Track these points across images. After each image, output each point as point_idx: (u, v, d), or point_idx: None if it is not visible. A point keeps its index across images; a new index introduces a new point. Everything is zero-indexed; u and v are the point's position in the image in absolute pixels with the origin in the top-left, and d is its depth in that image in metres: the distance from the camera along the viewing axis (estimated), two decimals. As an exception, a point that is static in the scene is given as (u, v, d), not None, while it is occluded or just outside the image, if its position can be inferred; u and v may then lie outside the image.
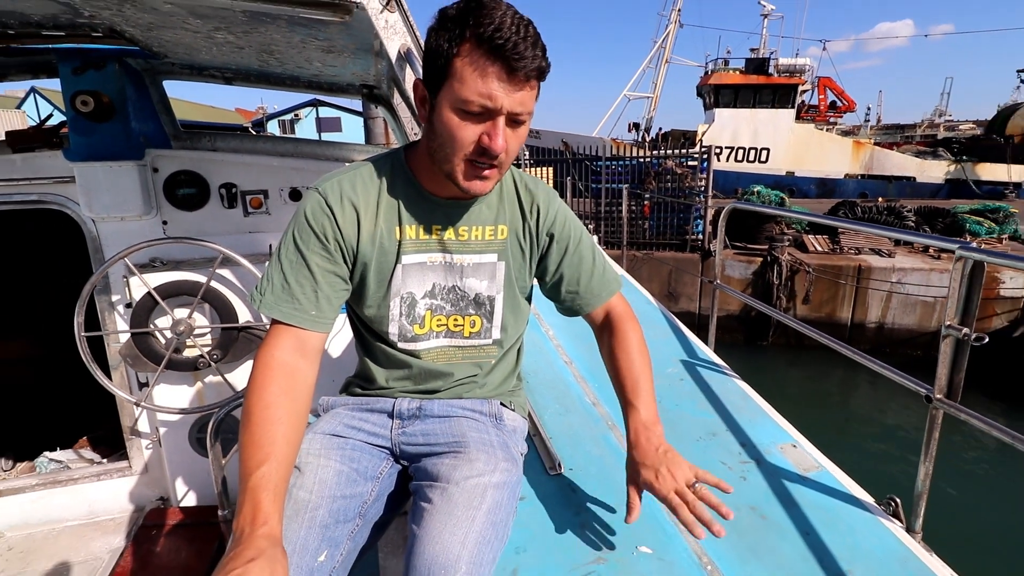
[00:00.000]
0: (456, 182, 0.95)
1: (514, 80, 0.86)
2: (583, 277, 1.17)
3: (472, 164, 0.93)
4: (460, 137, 0.90)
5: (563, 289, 1.18)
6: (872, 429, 7.48)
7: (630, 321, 1.19)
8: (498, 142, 0.89)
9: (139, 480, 2.73)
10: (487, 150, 0.90)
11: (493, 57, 0.84)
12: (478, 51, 0.84)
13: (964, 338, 1.23)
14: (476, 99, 0.86)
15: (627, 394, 1.10)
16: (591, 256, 1.18)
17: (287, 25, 1.51)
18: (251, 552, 0.73)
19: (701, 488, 0.97)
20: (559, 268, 1.16)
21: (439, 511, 0.91)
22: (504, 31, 0.83)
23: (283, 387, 0.92)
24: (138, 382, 2.57)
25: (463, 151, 0.91)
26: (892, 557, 1.09)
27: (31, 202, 2.31)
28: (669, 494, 0.95)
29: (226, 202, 2.45)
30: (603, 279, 1.19)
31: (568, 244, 1.15)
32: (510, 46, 0.83)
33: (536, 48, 0.86)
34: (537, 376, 1.83)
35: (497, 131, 0.89)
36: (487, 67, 0.85)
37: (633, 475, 1.03)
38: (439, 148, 0.94)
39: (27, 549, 2.53)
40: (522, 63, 0.84)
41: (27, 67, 2.27)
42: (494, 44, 0.83)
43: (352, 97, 2.89)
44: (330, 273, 1.01)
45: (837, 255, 9.59)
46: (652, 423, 1.05)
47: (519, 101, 0.88)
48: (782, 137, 23.26)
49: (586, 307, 1.20)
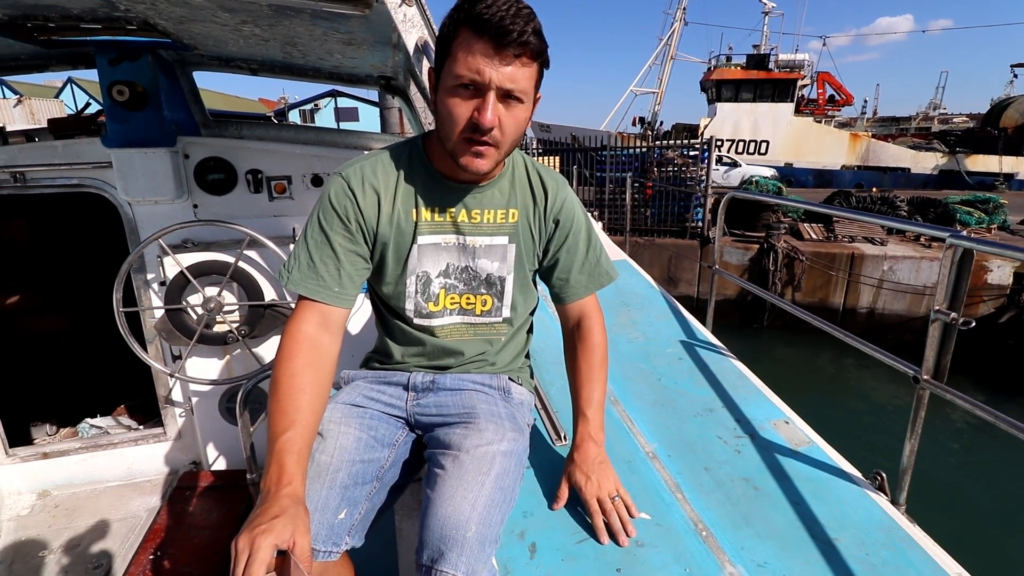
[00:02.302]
0: (456, 160, 0.95)
1: (502, 55, 0.85)
2: (574, 268, 1.17)
3: (467, 141, 0.92)
4: (456, 114, 0.90)
5: (554, 275, 1.18)
6: (862, 408, 7.47)
7: (601, 330, 1.19)
8: (486, 115, 0.88)
9: (173, 445, 2.78)
10: (478, 124, 0.89)
11: (480, 32, 0.84)
12: (469, 29, 0.85)
13: (952, 322, 1.22)
14: (465, 73, 0.86)
15: (581, 403, 1.15)
16: (585, 248, 1.17)
17: (310, 18, 1.49)
18: (276, 509, 0.75)
19: (618, 502, 1.04)
20: (556, 254, 1.16)
21: (451, 476, 0.92)
22: (492, 8, 0.83)
23: (308, 359, 0.94)
24: (172, 355, 2.60)
25: (458, 128, 0.91)
26: (877, 527, 1.09)
27: (72, 186, 2.33)
28: (591, 499, 1.03)
29: (252, 187, 2.46)
30: (593, 272, 1.18)
31: (569, 233, 1.15)
32: (495, 20, 0.83)
33: (527, 25, 0.85)
34: (544, 354, 1.84)
35: (487, 106, 0.88)
36: (474, 43, 0.85)
37: (569, 472, 1.09)
38: (441, 128, 0.95)
39: (72, 507, 2.60)
40: (508, 38, 0.84)
41: (66, 58, 2.27)
42: (481, 19, 0.83)
43: (369, 88, 2.88)
44: (352, 252, 1.02)
45: (832, 243, 9.48)
46: (597, 433, 1.12)
47: (509, 77, 0.87)
48: (781, 130, 22.93)
49: (568, 297, 1.19)
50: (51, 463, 2.65)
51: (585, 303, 1.20)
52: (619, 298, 2.36)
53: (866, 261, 8.86)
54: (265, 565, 0.69)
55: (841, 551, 1.02)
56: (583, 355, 1.17)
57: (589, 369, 1.16)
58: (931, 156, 22.35)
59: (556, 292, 1.20)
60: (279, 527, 0.72)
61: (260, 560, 0.69)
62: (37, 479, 2.67)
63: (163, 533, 2.17)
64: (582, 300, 1.19)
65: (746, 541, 1.05)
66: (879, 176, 22.08)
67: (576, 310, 1.20)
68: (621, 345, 1.89)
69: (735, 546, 1.03)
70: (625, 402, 1.53)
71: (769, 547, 1.03)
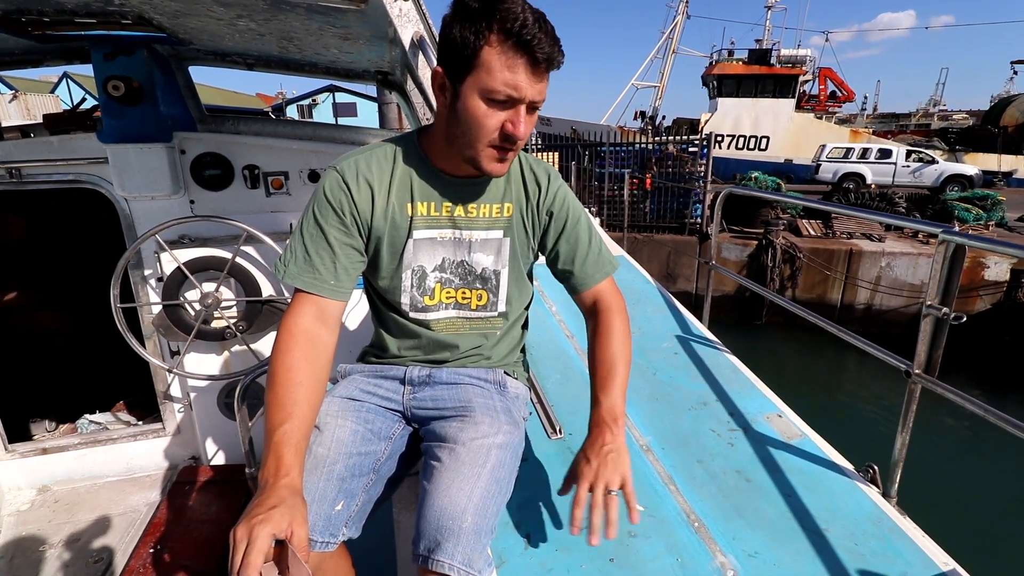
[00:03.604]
0: (478, 165, 0.97)
1: (537, 72, 0.89)
2: (578, 258, 1.16)
3: (496, 149, 0.95)
4: (486, 124, 0.91)
5: (559, 267, 1.18)
6: (855, 402, 7.51)
7: (618, 315, 1.15)
8: (521, 128, 0.91)
9: (172, 441, 2.79)
10: (510, 136, 0.92)
11: (521, 51, 0.86)
12: (506, 44, 0.86)
13: (943, 317, 1.24)
14: (503, 89, 0.88)
15: (597, 386, 1.09)
16: (587, 238, 1.17)
17: (305, 13, 1.50)
18: (274, 500, 0.76)
19: (612, 497, 0.93)
20: (556, 246, 1.16)
21: (448, 469, 0.93)
22: (529, 27, 0.85)
23: (305, 352, 0.94)
24: (170, 350, 2.61)
25: (488, 137, 0.93)
26: (867, 518, 1.11)
27: (68, 182, 2.33)
28: (582, 486, 0.94)
29: (249, 183, 2.46)
30: (597, 261, 1.17)
31: (566, 223, 1.15)
32: (536, 41, 0.85)
33: (556, 43, 0.89)
34: (540, 349, 1.85)
35: (520, 118, 0.91)
36: (516, 60, 0.87)
37: (576, 458, 1.01)
38: (462, 134, 0.95)
39: (72, 502, 2.62)
40: (545, 57, 0.87)
41: (61, 53, 2.26)
42: (522, 39, 0.85)
43: (367, 83, 2.87)
44: (347, 246, 1.03)
45: (830, 239, 9.49)
46: (613, 420, 1.02)
47: (539, 91, 0.91)
48: (782, 126, 22.84)
49: (580, 287, 1.18)
50: (50, 459, 2.66)
51: (599, 289, 1.18)
52: (616, 293, 2.37)
53: (864, 257, 8.87)
54: (263, 554, 0.70)
55: (831, 541, 1.04)
56: (598, 339, 1.14)
57: (603, 352, 1.11)
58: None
59: (567, 283, 1.20)
60: (277, 517, 0.73)
61: (258, 549, 0.70)
62: (37, 475, 2.68)
63: (163, 527, 2.18)
64: (596, 287, 1.18)
65: (737, 532, 1.06)
66: (878, 173, 22.03)
67: (590, 297, 1.19)
68: (617, 340, 1.90)
69: (727, 537, 1.05)
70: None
71: (760, 538, 1.05)
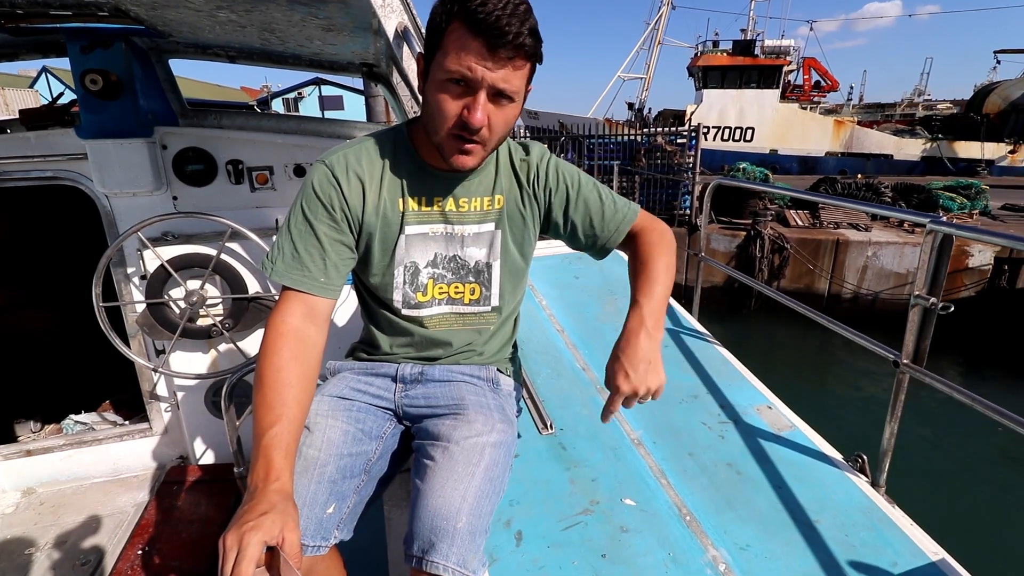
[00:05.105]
0: (443, 155, 0.94)
1: (496, 56, 0.83)
2: (594, 217, 1.12)
3: (455, 138, 0.91)
4: (444, 110, 0.88)
5: (581, 235, 1.14)
6: (844, 392, 7.60)
7: (655, 233, 1.11)
8: (476, 115, 0.86)
9: (159, 440, 2.76)
10: (467, 124, 0.88)
11: (475, 31, 0.82)
12: (464, 26, 0.83)
13: (931, 307, 1.24)
14: (456, 70, 0.84)
15: (637, 290, 1.02)
16: (596, 195, 1.12)
17: (287, 4, 1.46)
18: (264, 506, 0.74)
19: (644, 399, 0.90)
20: (568, 217, 1.12)
21: (441, 468, 0.92)
22: (489, 6, 0.81)
23: (294, 352, 0.92)
24: (155, 349, 2.57)
25: (447, 124, 0.90)
26: (857, 508, 1.12)
27: (46, 178, 2.27)
28: (621, 396, 0.89)
29: (233, 178, 2.42)
30: (615, 213, 1.12)
31: (568, 192, 1.11)
32: (492, 20, 0.81)
33: (523, 26, 0.83)
34: (531, 343, 1.84)
35: (477, 105, 0.86)
36: (469, 41, 0.83)
37: (610, 369, 0.93)
38: (429, 120, 0.93)
39: (58, 504, 2.58)
40: (504, 39, 0.82)
41: (37, 47, 2.20)
42: (476, 18, 0.81)
43: (352, 75, 2.83)
44: (337, 242, 1.00)
45: (817, 229, 9.57)
46: (651, 323, 0.95)
47: (502, 77, 0.86)
48: (767, 116, 22.98)
49: (611, 243, 1.14)
50: (36, 460, 2.62)
51: (633, 229, 1.13)
52: (605, 286, 2.37)
53: (851, 247, 8.97)
54: (254, 562, 0.69)
55: (822, 532, 1.05)
56: (639, 253, 1.08)
57: (645, 261, 1.06)
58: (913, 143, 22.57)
59: (596, 248, 1.15)
60: (267, 523, 0.72)
61: (249, 557, 0.68)
62: (22, 477, 2.63)
63: (151, 528, 2.16)
64: (628, 231, 1.13)
65: (729, 525, 1.07)
66: (862, 162, 22.24)
67: (630, 239, 1.14)
68: (607, 333, 1.91)
69: (718, 530, 1.05)
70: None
71: (751, 530, 1.06)
